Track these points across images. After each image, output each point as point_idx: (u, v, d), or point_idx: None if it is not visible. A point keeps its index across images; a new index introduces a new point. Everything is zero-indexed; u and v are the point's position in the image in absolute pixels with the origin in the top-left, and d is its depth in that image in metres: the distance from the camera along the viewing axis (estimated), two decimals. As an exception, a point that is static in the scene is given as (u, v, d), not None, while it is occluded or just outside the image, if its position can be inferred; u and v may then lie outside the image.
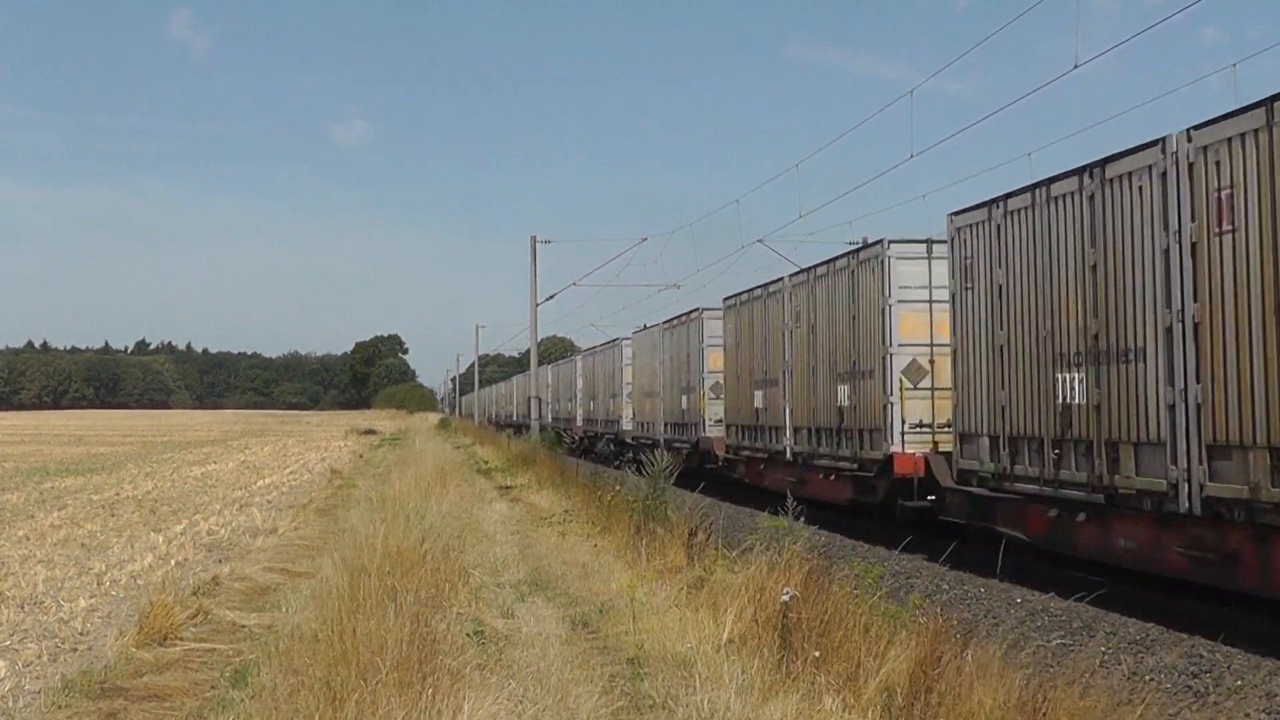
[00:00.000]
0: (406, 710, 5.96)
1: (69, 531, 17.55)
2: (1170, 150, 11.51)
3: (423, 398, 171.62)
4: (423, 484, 20.03)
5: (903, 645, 7.25)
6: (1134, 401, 12.12)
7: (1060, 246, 13.48)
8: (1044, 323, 13.82)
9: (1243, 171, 10.52)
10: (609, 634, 9.53)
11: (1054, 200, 13.56)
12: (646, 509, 15.18)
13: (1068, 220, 13.32)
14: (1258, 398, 10.34)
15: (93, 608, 11.22)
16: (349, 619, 7.46)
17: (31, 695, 7.98)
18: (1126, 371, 12.25)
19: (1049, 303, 13.73)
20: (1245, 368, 10.51)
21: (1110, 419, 12.52)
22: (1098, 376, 12.73)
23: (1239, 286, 10.61)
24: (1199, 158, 11.11)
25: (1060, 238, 13.47)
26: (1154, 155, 11.79)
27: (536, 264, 42.49)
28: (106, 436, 64.71)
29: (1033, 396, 14.12)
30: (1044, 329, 13.81)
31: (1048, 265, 13.73)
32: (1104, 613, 12.13)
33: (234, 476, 30.78)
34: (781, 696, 6.61)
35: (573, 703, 6.71)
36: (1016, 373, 14.52)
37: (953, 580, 14.54)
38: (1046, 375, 13.77)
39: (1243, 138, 10.49)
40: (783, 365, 23.68)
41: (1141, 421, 12.01)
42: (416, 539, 11.39)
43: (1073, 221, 13.21)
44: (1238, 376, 10.61)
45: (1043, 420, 13.87)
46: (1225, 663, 10.07)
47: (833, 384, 20.91)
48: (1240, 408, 10.57)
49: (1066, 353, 13.35)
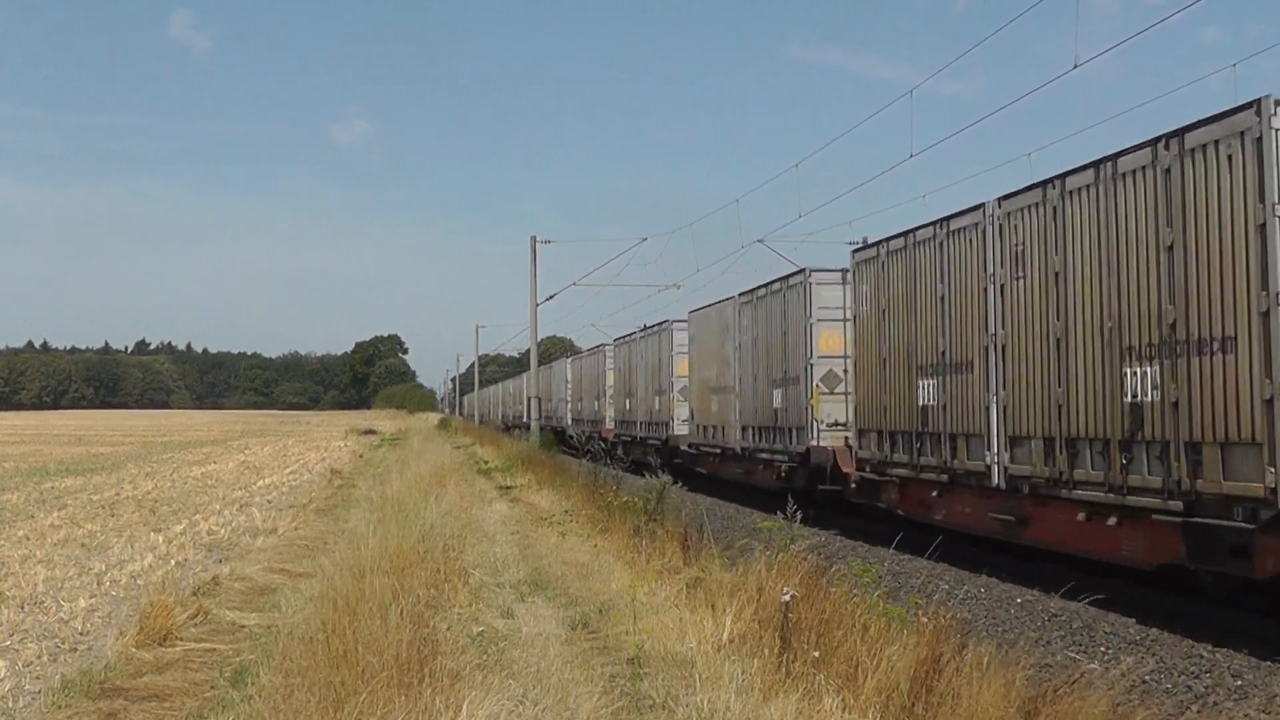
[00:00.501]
0: (407, 710, 5.96)
1: (69, 531, 17.55)
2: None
3: (423, 398, 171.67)
4: (423, 484, 20.03)
5: (902, 645, 7.24)
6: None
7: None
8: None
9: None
10: (609, 634, 9.53)
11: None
12: (647, 509, 15.20)
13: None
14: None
15: (93, 608, 11.23)
16: (349, 619, 7.46)
17: (31, 695, 7.98)
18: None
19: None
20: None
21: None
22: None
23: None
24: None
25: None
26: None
27: (536, 264, 42.54)
28: (106, 436, 64.72)
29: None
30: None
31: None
32: (1104, 613, 12.13)
33: (234, 476, 30.78)
34: (781, 696, 6.62)
35: (573, 703, 6.71)
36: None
37: (952, 580, 14.53)
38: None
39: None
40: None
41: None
42: (416, 539, 11.39)
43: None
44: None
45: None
46: (1225, 663, 10.07)
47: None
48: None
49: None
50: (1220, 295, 10.86)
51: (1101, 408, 12.74)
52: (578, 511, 18.02)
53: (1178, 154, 11.46)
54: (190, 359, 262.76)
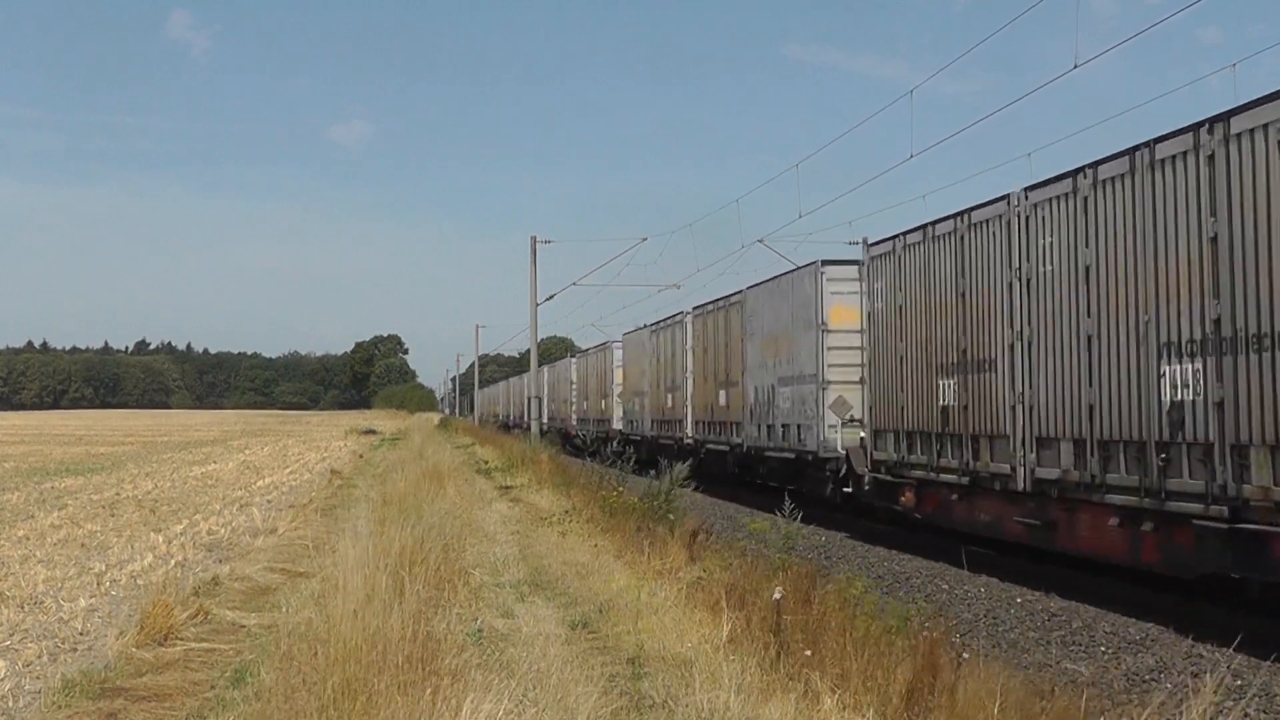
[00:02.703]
0: (408, 710, 5.96)
1: (69, 531, 17.55)
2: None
3: (423, 398, 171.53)
4: (423, 484, 20.03)
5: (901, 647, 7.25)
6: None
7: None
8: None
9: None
10: (609, 634, 9.54)
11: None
12: (648, 509, 15.21)
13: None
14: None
15: (93, 608, 11.23)
16: (350, 619, 7.46)
17: (31, 695, 7.98)
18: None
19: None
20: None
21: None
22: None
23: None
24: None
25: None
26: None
27: (536, 264, 42.53)
28: (106, 436, 64.70)
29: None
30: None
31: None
32: (1104, 612, 12.13)
33: (234, 476, 30.78)
34: (780, 696, 6.62)
35: (573, 703, 6.71)
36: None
37: (953, 580, 14.54)
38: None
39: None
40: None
41: None
42: (416, 539, 11.38)
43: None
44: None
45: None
46: (1226, 663, 10.07)
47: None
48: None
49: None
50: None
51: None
52: (578, 511, 18.03)
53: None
54: (190, 359, 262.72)
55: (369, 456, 41.02)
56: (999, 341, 15.04)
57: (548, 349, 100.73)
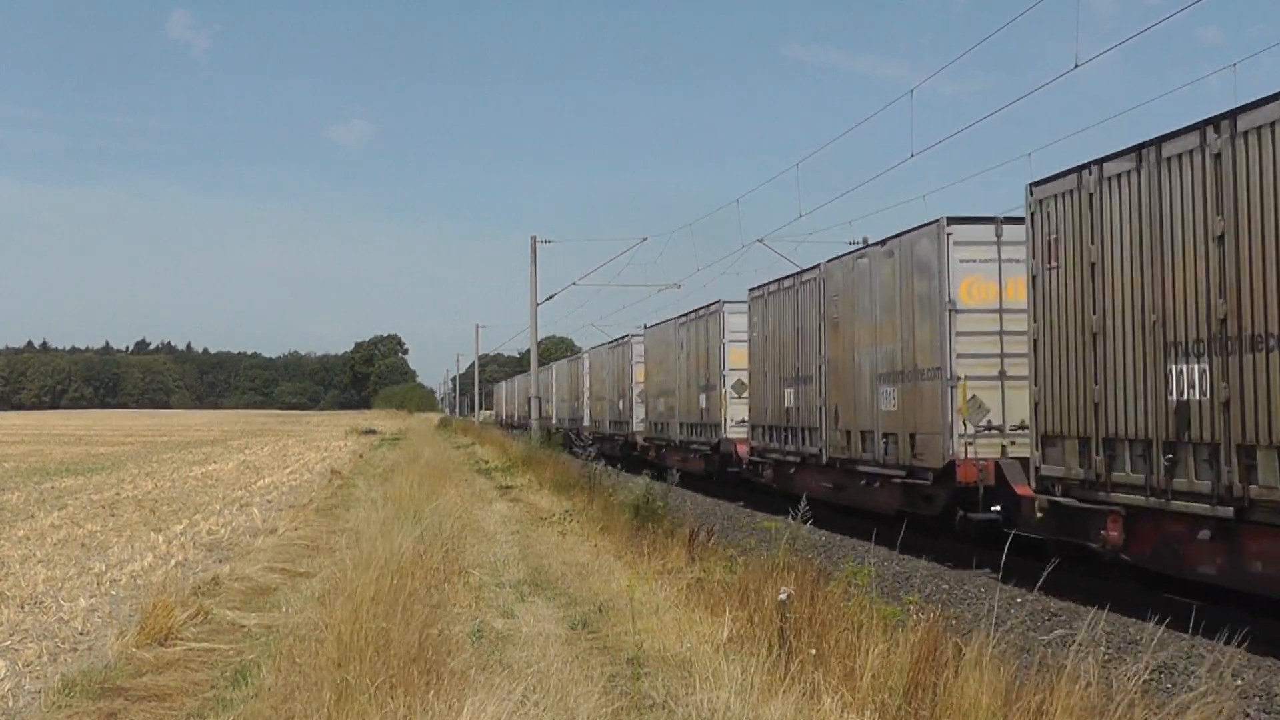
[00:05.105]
0: (408, 710, 5.96)
1: (69, 531, 17.55)
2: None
3: (423, 398, 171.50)
4: (423, 484, 20.03)
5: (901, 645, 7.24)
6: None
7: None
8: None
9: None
10: (609, 634, 9.54)
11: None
12: (651, 509, 15.20)
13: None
14: None
15: (93, 607, 11.23)
16: (350, 619, 7.47)
17: (31, 695, 7.98)
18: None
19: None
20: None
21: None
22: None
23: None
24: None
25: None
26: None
27: (536, 264, 42.54)
28: (106, 436, 64.71)
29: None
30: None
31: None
32: (1103, 612, 12.11)
33: (234, 476, 30.79)
34: (781, 696, 6.62)
35: (573, 703, 6.71)
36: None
37: (953, 580, 14.54)
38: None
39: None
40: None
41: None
42: (416, 539, 11.39)
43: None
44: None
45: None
46: (1226, 663, 10.06)
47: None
48: None
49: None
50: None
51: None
52: (578, 511, 18.03)
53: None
54: (190, 359, 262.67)
55: (369, 456, 41.02)
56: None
57: (548, 349, 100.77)
